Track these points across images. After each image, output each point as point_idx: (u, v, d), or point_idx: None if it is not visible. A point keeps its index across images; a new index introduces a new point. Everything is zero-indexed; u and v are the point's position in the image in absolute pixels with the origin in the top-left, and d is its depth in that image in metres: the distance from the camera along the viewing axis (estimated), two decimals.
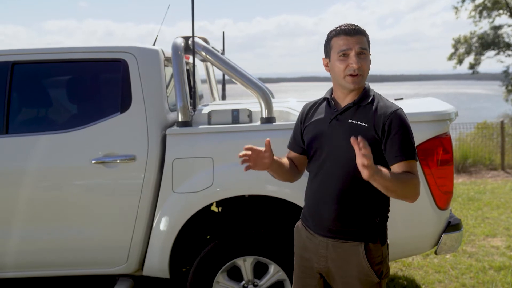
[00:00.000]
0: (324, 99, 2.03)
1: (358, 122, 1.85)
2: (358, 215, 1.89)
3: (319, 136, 1.95)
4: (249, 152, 1.94)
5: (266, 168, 1.99)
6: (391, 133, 1.80)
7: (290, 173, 2.11)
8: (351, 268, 1.90)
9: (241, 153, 1.93)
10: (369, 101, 1.88)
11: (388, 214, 1.99)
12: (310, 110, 2.09)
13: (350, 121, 1.87)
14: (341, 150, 1.86)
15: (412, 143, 1.82)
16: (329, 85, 2.07)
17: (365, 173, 1.59)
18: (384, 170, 1.67)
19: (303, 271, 2.08)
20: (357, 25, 1.86)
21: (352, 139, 1.61)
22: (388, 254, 1.97)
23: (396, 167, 1.79)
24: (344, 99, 1.93)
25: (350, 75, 1.83)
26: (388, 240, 1.99)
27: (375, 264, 1.89)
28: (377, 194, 1.85)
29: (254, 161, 1.96)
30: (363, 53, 1.84)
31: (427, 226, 2.78)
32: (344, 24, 1.87)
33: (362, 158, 1.57)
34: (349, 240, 1.90)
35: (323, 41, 1.97)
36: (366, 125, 1.83)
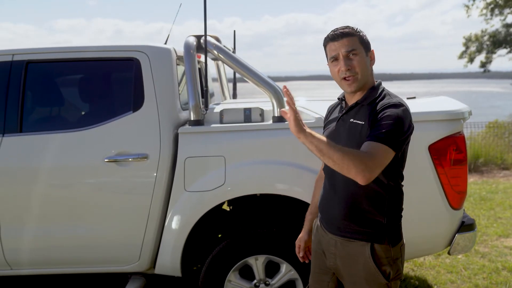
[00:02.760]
0: (340, 100, 2.07)
1: (357, 121, 1.88)
2: (364, 215, 1.90)
3: (330, 136, 1.98)
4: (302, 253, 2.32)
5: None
6: (376, 120, 1.79)
7: None
8: (358, 268, 1.92)
9: (300, 255, 2.33)
10: (372, 99, 1.89)
11: (402, 215, 1.98)
12: (329, 111, 2.17)
13: (351, 120, 1.91)
14: None
15: (391, 130, 1.73)
16: (337, 84, 2.09)
17: (291, 129, 1.71)
18: (319, 135, 1.73)
19: (317, 267, 2.14)
20: (344, 28, 1.90)
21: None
22: (400, 256, 1.96)
23: (363, 145, 1.76)
24: (351, 100, 1.97)
25: (344, 78, 1.89)
26: (403, 241, 1.98)
27: (382, 265, 1.89)
28: (384, 195, 1.88)
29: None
30: (353, 54, 1.87)
31: (440, 226, 2.76)
32: (333, 29, 1.92)
33: (289, 114, 1.70)
34: (356, 240, 1.92)
35: None
36: (363, 123, 1.85)
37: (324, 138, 1.72)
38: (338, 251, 1.97)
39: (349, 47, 1.86)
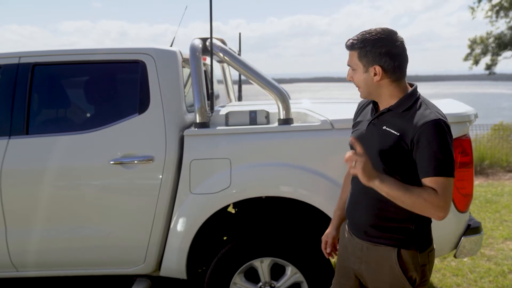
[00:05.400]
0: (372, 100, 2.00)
1: (391, 130, 1.81)
2: (392, 222, 1.87)
3: (359, 137, 1.92)
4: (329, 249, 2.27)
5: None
6: (419, 146, 1.72)
7: None
8: (384, 273, 1.89)
9: (327, 251, 2.27)
10: (406, 107, 1.81)
11: (431, 222, 1.95)
12: (360, 108, 2.11)
13: (384, 127, 1.84)
14: (371, 154, 1.80)
15: (443, 157, 1.70)
16: (342, 85, 2.07)
17: (360, 178, 1.69)
18: (389, 179, 1.71)
19: (341, 271, 2.12)
20: (352, 39, 1.85)
21: (352, 140, 1.73)
22: (428, 262, 1.91)
23: (424, 182, 1.74)
24: (381, 104, 1.91)
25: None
26: (433, 247, 1.96)
27: (409, 271, 1.86)
28: None
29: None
30: (353, 68, 1.86)
31: (446, 229, 2.74)
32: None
33: (357, 163, 1.68)
34: (383, 245, 1.89)
35: (336, 42, 2.00)
36: (398, 134, 1.78)
37: (394, 183, 1.71)
38: (364, 255, 1.95)
39: (350, 61, 1.86)
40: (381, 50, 1.78)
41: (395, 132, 1.79)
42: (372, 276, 1.93)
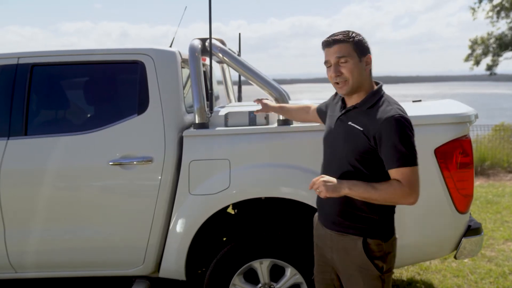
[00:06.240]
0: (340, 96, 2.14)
1: (355, 126, 1.95)
2: (357, 213, 1.99)
3: (329, 133, 2.11)
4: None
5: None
6: (382, 141, 1.86)
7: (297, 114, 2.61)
8: (352, 260, 2.01)
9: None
10: (371, 105, 1.94)
11: (395, 211, 2.07)
12: (331, 101, 2.26)
13: (349, 123, 1.98)
14: (339, 149, 2.00)
15: (405, 149, 1.83)
16: None
17: (330, 196, 1.88)
18: (357, 183, 1.87)
19: (319, 259, 2.24)
20: (338, 34, 1.95)
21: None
22: (392, 251, 2.03)
23: (390, 174, 1.88)
24: (349, 101, 2.04)
25: (335, 83, 1.99)
26: (396, 236, 2.07)
27: (375, 258, 1.98)
28: None
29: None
30: (343, 61, 1.93)
31: (446, 230, 2.74)
32: (330, 35, 1.98)
33: (320, 187, 1.88)
34: (350, 234, 2.01)
35: None
36: (361, 129, 1.92)
37: (361, 186, 1.87)
38: (334, 244, 2.07)
39: (340, 53, 1.93)
40: (367, 43, 1.98)
41: (359, 128, 1.93)
42: (342, 264, 2.06)
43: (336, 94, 2.22)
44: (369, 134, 1.89)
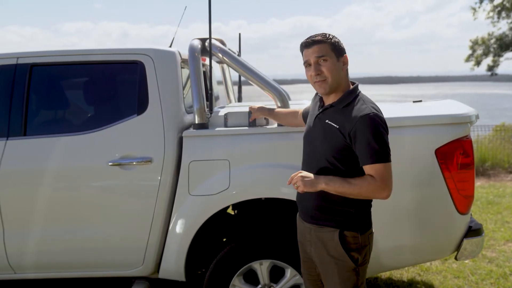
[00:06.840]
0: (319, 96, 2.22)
1: (332, 123, 2.03)
2: (334, 206, 2.07)
3: (307, 129, 2.20)
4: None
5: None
6: (356, 138, 1.93)
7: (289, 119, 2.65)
8: (328, 252, 2.08)
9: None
10: (346, 103, 2.02)
11: (371, 204, 2.15)
12: (312, 100, 2.33)
13: (326, 121, 2.06)
14: (317, 146, 2.08)
15: (378, 146, 1.90)
16: None
17: (307, 190, 1.97)
18: (333, 178, 1.96)
19: (303, 256, 2.30)
20: (317, 35, 2.03)
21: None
22: (368, 243, 2.11)
23: (364, 170, 1.97)
24: (327, 100, 2.13)
25: (315, 82, 2.06)
26: (372, 230, 2.14)
27: (351, 250, 2.05)
28: None
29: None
30: (323, 60, 2.01)
31: (447, 231, 2.73)
32: (308, 37, 2.07)
33: (298, 182, 1.98)
34: (326, 226, 2.09)
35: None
36: (338, 127, 2.00)
37: (338, 182, 1.96)
38: (312, 238, 2.15)
39: (319, 53, 2.01)
40: (342, 44, 2.07)
41: (336, 126, 2.01)
42: (319, 256, 2.13)
43: (316, 94, 2.28)
44: (345, 131, 1.97)
